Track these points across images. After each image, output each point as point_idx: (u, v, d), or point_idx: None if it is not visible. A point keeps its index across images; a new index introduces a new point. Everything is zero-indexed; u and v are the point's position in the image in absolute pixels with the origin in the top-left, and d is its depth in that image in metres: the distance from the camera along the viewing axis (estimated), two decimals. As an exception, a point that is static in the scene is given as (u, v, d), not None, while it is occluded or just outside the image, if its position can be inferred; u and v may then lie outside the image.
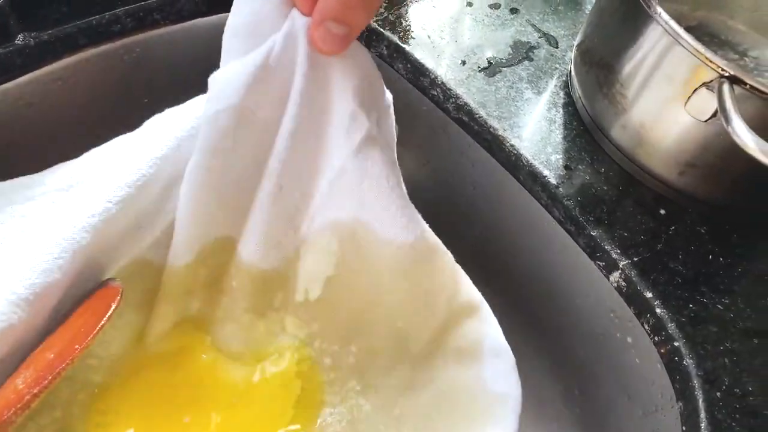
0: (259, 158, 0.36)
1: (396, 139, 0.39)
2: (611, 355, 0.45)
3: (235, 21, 0.34)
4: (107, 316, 0.30)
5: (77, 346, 0.29)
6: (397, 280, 0.38)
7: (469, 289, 0.38)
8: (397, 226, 0.37)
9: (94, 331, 0.30)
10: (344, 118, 0.35)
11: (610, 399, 0.46)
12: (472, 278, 0.40)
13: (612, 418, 0.46)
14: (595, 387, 0.48)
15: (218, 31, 0.51)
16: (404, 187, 0.37)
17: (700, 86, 0.38)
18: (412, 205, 0.37)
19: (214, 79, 0.34)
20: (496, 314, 0.43)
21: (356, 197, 0.36)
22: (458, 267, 0.38)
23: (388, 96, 0.38)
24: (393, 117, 0.39)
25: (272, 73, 0.34)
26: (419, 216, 0.37)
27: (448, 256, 0.38)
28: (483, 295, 0.40)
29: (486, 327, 0.38)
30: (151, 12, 0.47)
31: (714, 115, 0.38)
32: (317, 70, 0.34)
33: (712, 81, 0.37)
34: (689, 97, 0.39)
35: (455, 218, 0.53)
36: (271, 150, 0.36)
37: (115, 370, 0.37)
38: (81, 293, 0.33)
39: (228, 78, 0.34)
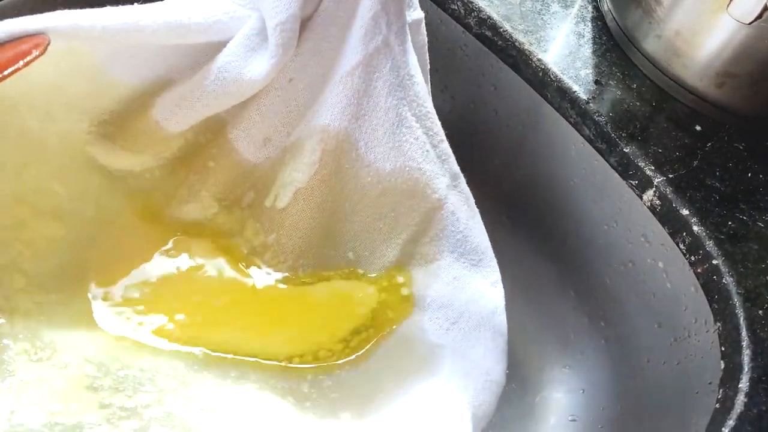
0: None
1: (428, 64, 0.38)
2: (640, 283, 0.43)
3: None
4: (26, 59, 0.29)
5: None
6: (364, 205, 0.38)
7: (434, 240, 0.37)
8: (379, 150, 0.36)
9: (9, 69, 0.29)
10: (366, 19, 0.34)
11: (638, 327, 0.44)
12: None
13: (640, 347, 0.44)
14: (621, 316, 0.46)
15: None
16: (418, 110, 0.36)
17: (745, -15, 0.36)
18: (419, 134, 0.36)
19: None
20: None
21: (353, 109, 0.36)
22: (445, 212, 0.37)
23: (419, 12, 0.37)
24: (424, 36, 0.37)
25: None
26: (414, 146, 0.36)
27: (433, 199, 0.37)
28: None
29: (430, 279, 0.37)
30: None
31: (760, 15, 0.35)
32: None
33: (759, -22, 0.35)
34: (733, -2, 0.36)
35: (476, 147, 0.51)
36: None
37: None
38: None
39: None
